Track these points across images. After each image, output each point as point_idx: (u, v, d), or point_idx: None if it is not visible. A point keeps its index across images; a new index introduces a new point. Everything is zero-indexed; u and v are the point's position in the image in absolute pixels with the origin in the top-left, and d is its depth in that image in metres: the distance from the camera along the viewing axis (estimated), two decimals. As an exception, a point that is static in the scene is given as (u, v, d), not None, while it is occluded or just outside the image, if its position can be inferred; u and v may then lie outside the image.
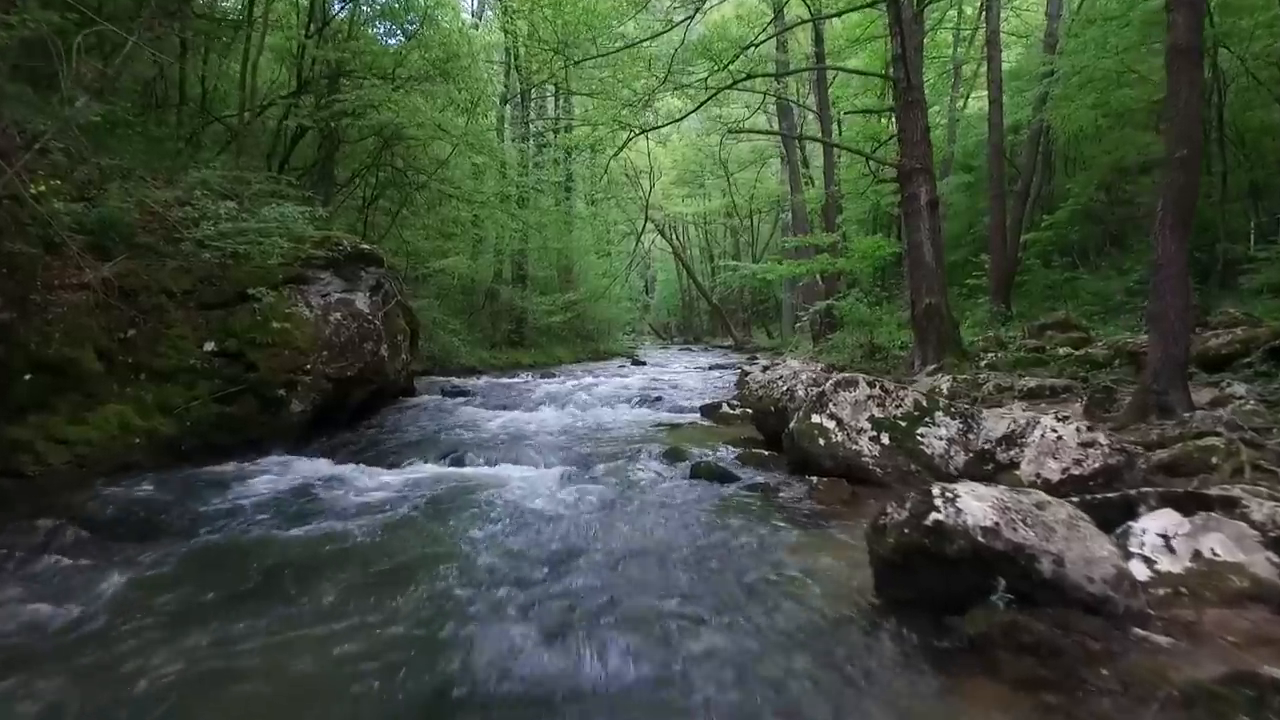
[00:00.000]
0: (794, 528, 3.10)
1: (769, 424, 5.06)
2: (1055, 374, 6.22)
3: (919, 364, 8.16)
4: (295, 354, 5.48)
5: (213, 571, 2.69)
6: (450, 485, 3.95)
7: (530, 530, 3.00)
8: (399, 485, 4.03)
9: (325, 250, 5.68)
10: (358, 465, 4.77)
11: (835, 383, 4.20)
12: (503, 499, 3.56)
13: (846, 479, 3.92)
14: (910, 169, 8.12)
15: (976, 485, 2.12)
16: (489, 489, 3.76)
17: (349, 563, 2.70)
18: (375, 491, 3.86)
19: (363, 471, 4.51)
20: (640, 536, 2.91)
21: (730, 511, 3.37)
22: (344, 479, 4.31)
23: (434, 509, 3.41)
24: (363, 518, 3.31)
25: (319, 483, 4.16)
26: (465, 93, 9.52)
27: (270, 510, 3.58)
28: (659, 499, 3.64)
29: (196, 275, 5.55)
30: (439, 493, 3.77)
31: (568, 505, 3.44)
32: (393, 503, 3.55)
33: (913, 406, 4.07)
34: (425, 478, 4.25)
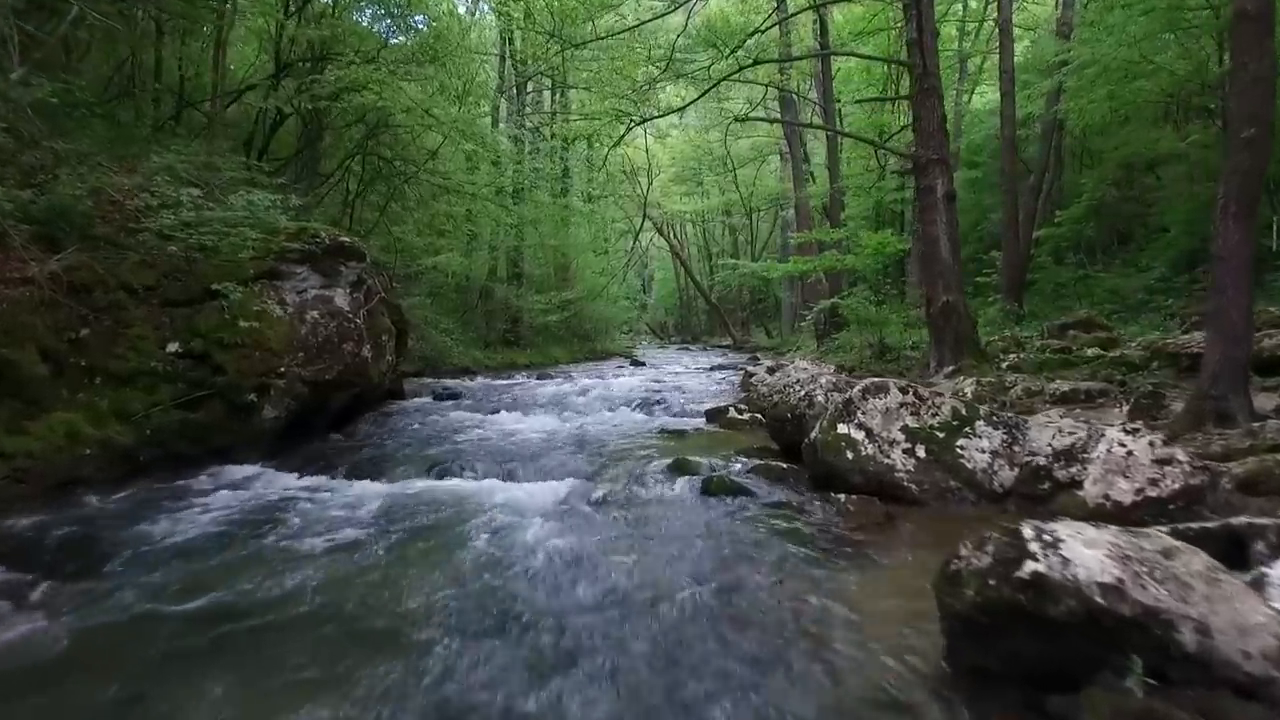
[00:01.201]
0: (826, 560, 2.67)
1: (785, 433, 4.63)
2: (1088, 377, 5.81)
3: (935, 366, 7.74)
4: (267, 355, 5.03)
5: (145, 621, 2.25)
6: (432, 505, 3.51)
7: (521, 567, 2.56)
8: (376, 505, 3.58)
9: (301, 243, 5.23)
10: (333, 479, 4.33)
11: (863, 389, 3.77)
12: (491, 523, 3.12)
13: (878, 496, 3.50)
14: (926, 160, 7.70)
15: (1082, 526, 1.68)
16: (475, 510, 3.32)
17: (305, 611, 2.27)
18: (349, 513, 3.42)
19: (338, 487, 4.07)
20: (650, 574, 2.48)
21: (750, 539, 2.94)
22: (316, 496, 3.86)
23: (412, 536, 2.97)
24: (331, 548, 2.87)
25: (287, 501, 3.72)
26: (456, 78, 9.06)
27: (226, 537, 3.14)
28: (668, 522, 3.21)
29: (160, 270, 5.09)
30: (419, 514, 3.33)
31: (565, 532, 3.00)
32: (367, 528, 3.10)
33: (950, 415, 3.65)
34: (406, 494, 3.80)
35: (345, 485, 4.06)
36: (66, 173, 4.41)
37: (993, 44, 18.93)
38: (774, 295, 31.09)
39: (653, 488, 3.86)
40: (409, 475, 4.36)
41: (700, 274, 34.76)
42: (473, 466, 4.45)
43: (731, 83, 15.43)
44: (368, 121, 7.99)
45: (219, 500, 3.72)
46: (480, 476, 4.26)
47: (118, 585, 2.52)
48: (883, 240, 9.91)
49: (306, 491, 3.92)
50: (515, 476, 4.28)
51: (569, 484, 3.91)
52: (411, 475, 4.35)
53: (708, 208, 33.17)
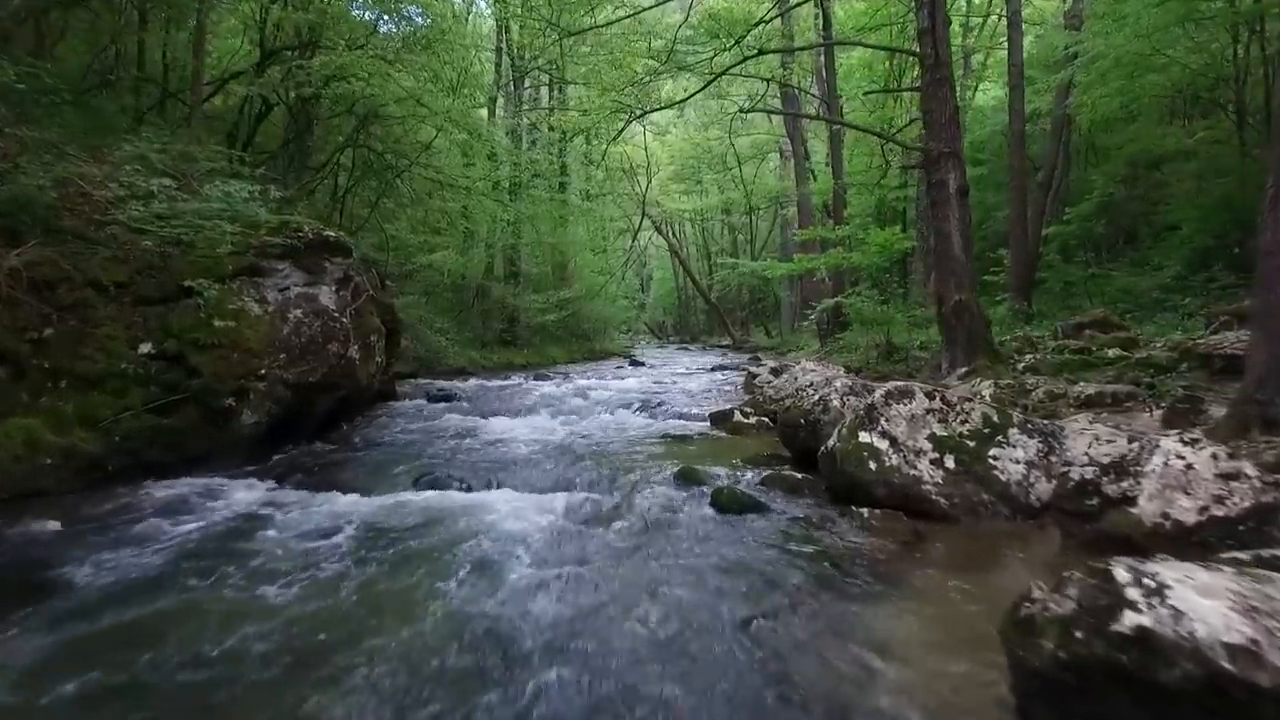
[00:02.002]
0: (854, 589, 2.38)
1: (799, 439, 4.34)
2: (1113, 379, 5.53)
3: (947, 367, 7.45)
4: (246, 357, 4.72)
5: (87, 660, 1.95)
6: (416, 523, 3.22)
7: (514, 597, 2.27)
8: (355, 523, 3.28)
9: (283, 238, 4.92)
10: (313, 491, 4.02)
11: (886, 393, 3.48)
12: (481, 544, 2.83)
13: (904, 511, 3.22)
14: (938, 153, 7.42)
15: (1189, 567, 1.40)
16: (463, 532, 3.03)
17: (271, 649, 1.97)
18: (324, 535, 3.11)
19: (316, 501, 3.76)
20: (659, 606, 2.18)
21: (767, 563, 2.65)
22: (291, 512, 3.56)
23: (390, 568, 2.67)
24: (297, 583, 2.56)
25: (260, 518, 3.42)
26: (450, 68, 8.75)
27: (193, 557, 2.84)
28: (676, 541, 2.92)
29: (134, 266, 4.79)
30: (400, 537, 3.03)
31: (563, 554, 2.71)
32: (340, 557, 2.79)
33: (981, 422, 3.37)
34: (389, 510, 3.50)
35: (325, 498, 3.76)
36: (28, 161, 4.10)
37: (996, 39, 18.76)
38: (774, 294, 30.82)
39: (658, 501, 3.57)
40: (394, 486, 4.06)
41: (699, 273, 34.47)
42: (463, 476, 4.15)
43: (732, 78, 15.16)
44: (357, 112, 7.66)
45: (186, 516, 3.42)
46: (471, 488, 3.96)
47: (24, 633, 2.15)
48: (889, 237, 9.63)
49: (282, 505, 3.61)
50: (508, 487, 3.99)
51: (566, 497, 3.61)
52: (397, 486, 4.05)
53: (707, 206, 32.90)
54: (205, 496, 3.83)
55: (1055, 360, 6.47)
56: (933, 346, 9.25)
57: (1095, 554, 2.66)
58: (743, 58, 7.97)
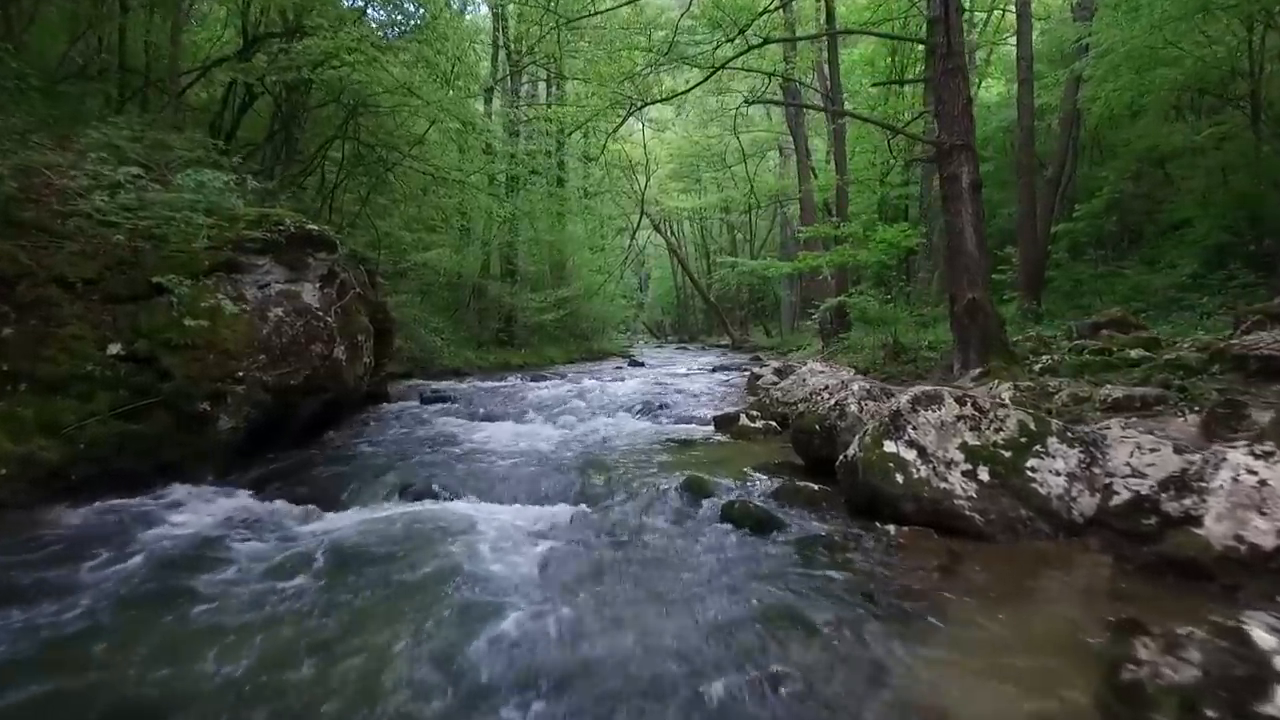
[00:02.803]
0: (893, 625, 2.09)
1: (813, 447, 4.06)
2: (1139, 381, 5.26)
3: (959, 368, 7.18)
4: (223, 358, 4.43)
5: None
6: (399, 539, 2.93)
7: (497, 644, 1.97)
8: (334, 539, 3.00)
9: (263, 231, 4.63)
10: (293, 502, 3.74)
11: (913, 399, 3.20)
12: (470, 565, 2.54)
13: (934, 528, 2.94)
14: (950, 146, 7.14)
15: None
16: (449, 551, 2.74)
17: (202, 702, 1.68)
18: (300, 551, 2.83)
19: (294, 514, 3.48)
20: (670, 659, 1.89)
21: (788, 591, 2.37)
22: (268, 525, 3.29)
23: (365, 588, 2.39)
24: (267, 606, 2.29)
25: (232, 533, 3.13)
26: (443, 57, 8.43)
27: (145, 583, 2.55)
28: (686, 566, 2.63)
29: (103, 262, 4.49)
30: (380, 555, 2.74)
31: (556, 584, 2.43)
32: (313, 579, 2.51)
33: (1016, 430, 3.09)
34: (370, 524, 3.22)
35: (301, 512, 3.47)
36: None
37: (1000, 35, 18.50)
38: (773, 294, 30.56)
39: (663, 515, 3.29)
40: (378, 497, 3.78)
41: (698, 272, 34.18)
42: (452, 486, 3.87)
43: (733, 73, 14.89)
44: (344, 102, 7.34)
45: (150, 531, 3.13)
46: (460, 498, 3.68)
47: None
48: (897, 233, 9.35)
49: (254, 521, 3.33)
50: (501, 498, 3.71)
51: (563, 510, 3.33)
52: (381, 497, 3.77)
53: (706, 205, 32.60)
54: (173, 509, 3.55)
55: (1075, 361, 6.20)
56: (941, 347, 8.98)
57: (1156, 580, 2.39)
58: (746, 48, 7.68)
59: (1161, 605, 2.14)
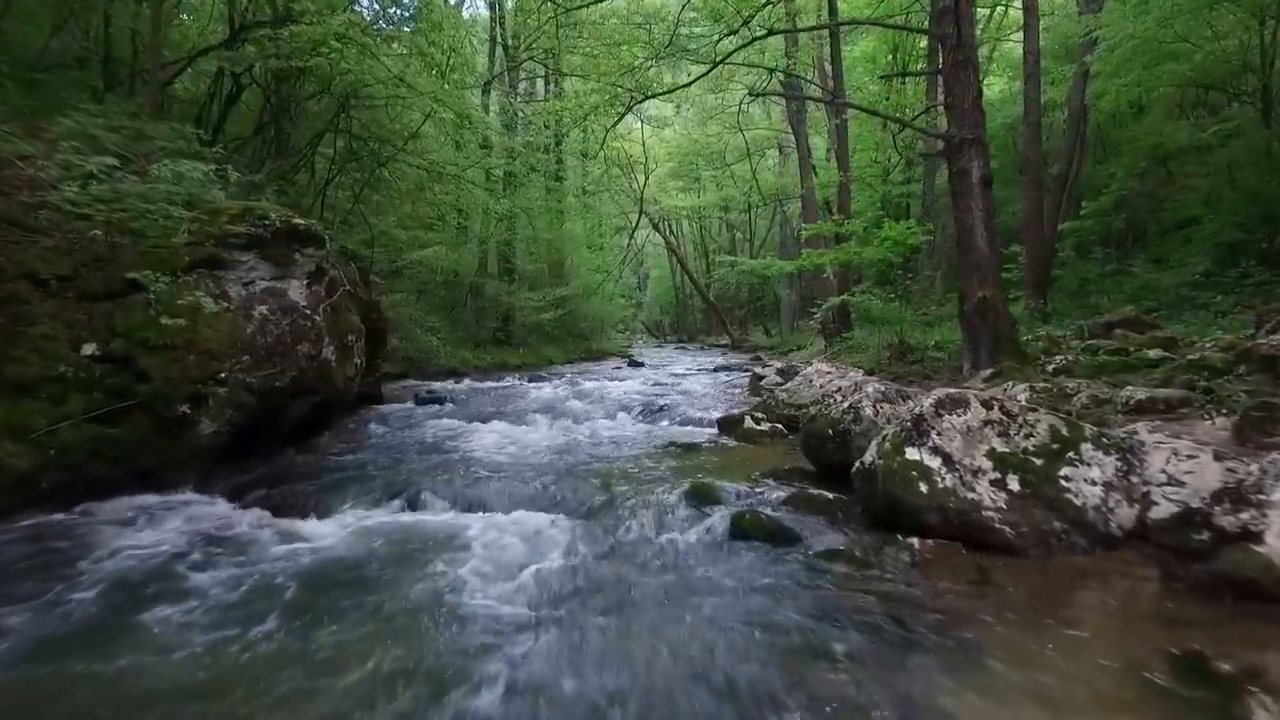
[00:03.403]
0: (925, 655, 1.89)
1: (825, 452, 3.85)
2: (1161, 382, 5.05)
3: (969, 368, 6.98)
4: (204, 359, 4.21)
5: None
6: (388, 553, 2.72)
7: (494, 672, 1.76)
8: (315, 551, 2.80)
9: (247, 226, 4.41)
10: (274, 512, 3.54)
11: (936, 402, 3.00)
12: (458, 591, 2.33)
13: (961, 542, 2.73)
14: (961, 140, 6.93)
15: None
16: (441, 567, 2.53)
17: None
18: (278, 567, 2.63)
19: (277, 525, 3.27)
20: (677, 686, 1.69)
21: (809, 611, 2.17)
22: (246, 537, 3.07)
23: (350, 611, 2.18)
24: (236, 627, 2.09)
25: (204, 547, 2.92)
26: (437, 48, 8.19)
27: (108, 602, 2.35)
28: (694, 583, 2.43)
29: (78, 258, 4.27)
30: (362, 571, 2.54)
31: (553, 604, 2.22)
32: (294, 598, 2.30)
33: (1048, 435, 2.88)
34: (358, 535, 3.02)
35: (284, 523, 3.26)
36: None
37: (1003, 31, 18.31)
38: (773, 293, 30.35)
39: (668, 525, 3.08)
40: (366, 504, 3.57)
41: (697, 272, 33.96)
42: (445, 494, 3.66)
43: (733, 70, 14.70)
44: (335, 93, 7.10)
45: (114, 546, 2.91)
46: (452, 507, 3.48)
47: None
48: (903, 231, 9.15)
49: (232, 532, 3.11)
50: (496, 507, 3.50)
51: (561, 522, 3.12)
52: (369, 505, 3.56)
53: (705, 204, 32.39)
54: (145, 520, 3.34)
55: (1091, 362, 6.00)
56: (949, 347, 8.79)
57: (1211, 601, 2.18)
58: (749, 39, 7.47)
59: (1223, 633, 1.95)
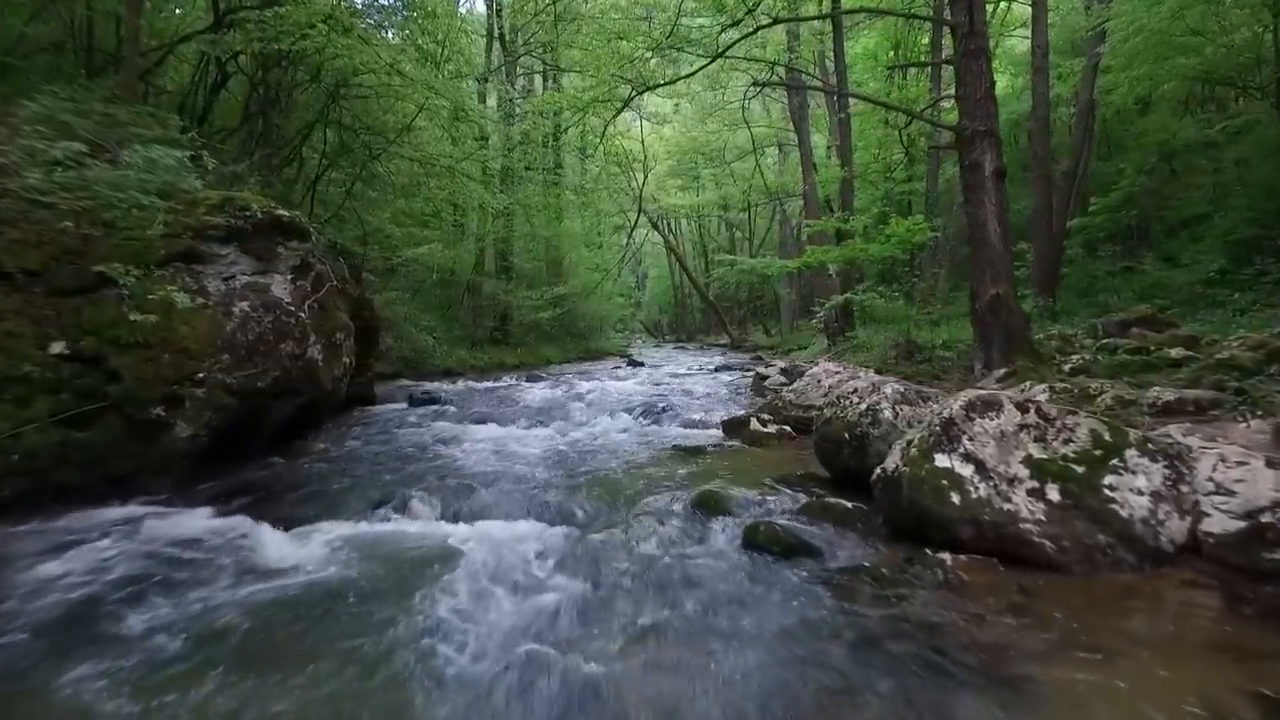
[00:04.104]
0: (975, 700, 1.65)
1: (841, 457, 3.62)
2: (1188, 383, 4.83)
3: (981, 368, 6.75)
4: (180, 358, 3.97)
5: None
6: (371, 571, 2.49)
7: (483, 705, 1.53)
8: (291, 566, 2.56)
9: (226, 217, 4.17)
10: (253, 520, 3.28)
11: (967, 405, 2.76)
12: (447, 616, 2.09)
13: (997, 557, 2.50)
14: (972, 132, 6.70)
15: None
16: (429, 586, 2.29)
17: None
18: (250, 584, 2.39)
19: (254, 535, 3.02)
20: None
21: (835, 638, 1.94)
22: (220, 550, 2.83)
23: (325, 640, 1.95)
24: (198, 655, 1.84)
25: (175, 559, 2.68)
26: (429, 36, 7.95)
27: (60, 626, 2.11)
28: (705, 604, 2.19)
29: (48, 251, 4.03)
30: (349, 590, 2.31)
31: (556, 630, 1.98)
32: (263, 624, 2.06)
33: (1089, 440, 2.65)
34: (340, 548, 2.78)
35: (261, 534, 3.02)
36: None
37: (1007, 26, 18.09)
38: (773, 292, 30.12)
39: (674, 540, 2.84)
40: (350, 514, 3.33)
41: (696, 271, 33.71)
42: (435, 501, 3.42)
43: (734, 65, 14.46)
44: (324, 81, 6.84)
45: (72, 560, 2.67)
46: (442, 518, 3.24)
47: None
48: (911, 226, 8.92)
49: (206, 544, 2.87)
50: (490, 516, 3.26)
51: (560, 534, 2.88)
52: (353, 514, 3.32)
53: (704, 202, 32.15)
54: (111, 532, 3.08)
55: (1110, 361, 5.78)
56: (957, 346, 8.56)
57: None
58: (754, 29, 7.25)
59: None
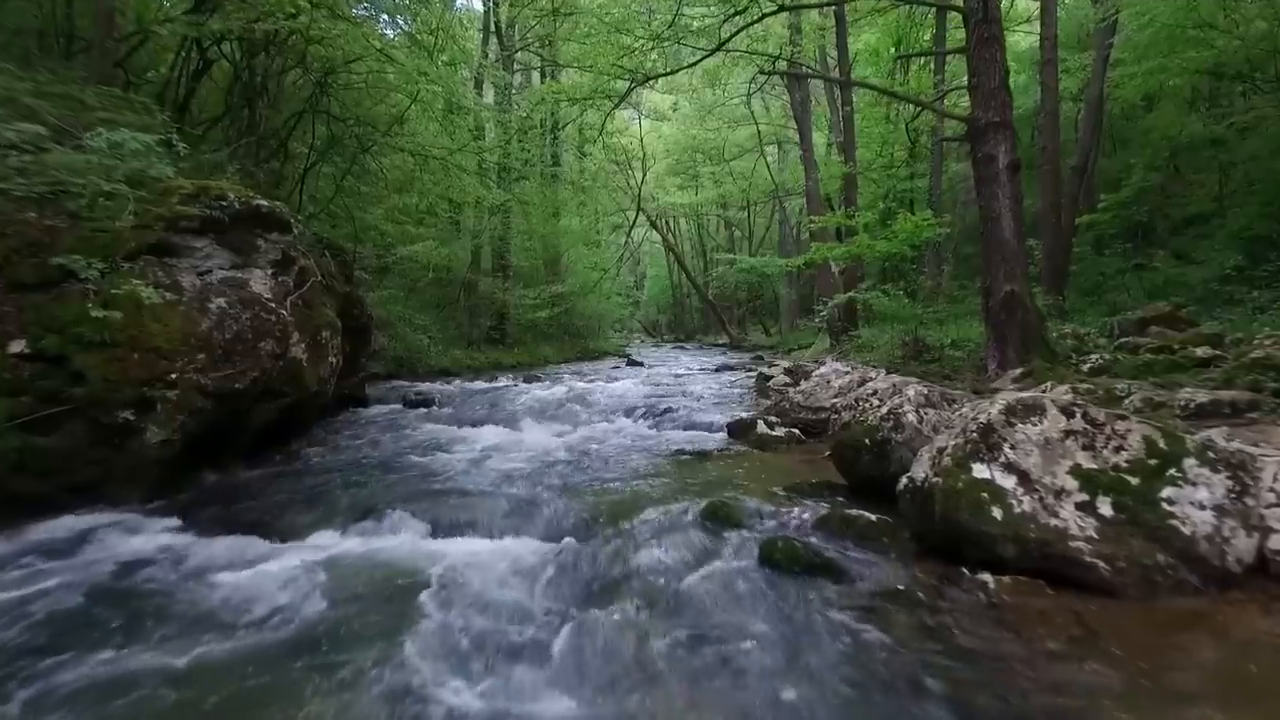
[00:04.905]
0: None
1: (861, 463, 3.36)
2: (1221, 383, 4.59)
3: (994, 368, 6.50)
4: (151, 357, 3.71)
5: None
6: (348, 596, 2.24)
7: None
8: (260, 587, 2.31)
9: (201, 207, 3.90)
10: (230, 533, 3.04)
11: (1007, 408, 2.51)
12: (429, 653, 1.83)
13: (1045, 579, 2.25)
14: (985, 123, 6.47)
15: None
16: (411, 617, 2.03)
17: None
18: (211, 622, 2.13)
19: (224, 550, 2.77)
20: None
21: (875, 681, 1.68)
22: (183, 569, 2.58)
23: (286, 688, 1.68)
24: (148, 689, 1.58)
25: (123, 598, 2.40)
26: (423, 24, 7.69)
27: None
28: (722, 639, 1.93)
29: (9, 244, 3.77)
30: (319, 628, 2.04)
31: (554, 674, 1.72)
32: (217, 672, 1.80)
33: (1143, 448, 2.40)
34: (316, 569, 2.51)
35: (233, 549, 2.76)
36: None
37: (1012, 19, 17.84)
38: (772, 291, 29.87)
39: (684, 557, 2.59)
40: (332, 526, 3.07)
41: (695, 270, 33.45)
42: (423, 513, 3.15)
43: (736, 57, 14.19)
44: (312, 69, 6.55)
45: (23, 582, 2.40)
46: (430, 532, 2.98)
47: None
48: (920, 222, 8.68)
49: (168, 563, 2.61)
50: (481, 530, 3.00)
51: (554, 550, 2.62)
52: (335, 527, 3.06)
53: (703, 201, 31.89)
54: (63, 549, 2.83)
55: (1132, 361, 5.54)
56: (967, 345, 8.33)
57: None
58: (758, 15, 7.00)
59: None
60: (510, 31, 15.96)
